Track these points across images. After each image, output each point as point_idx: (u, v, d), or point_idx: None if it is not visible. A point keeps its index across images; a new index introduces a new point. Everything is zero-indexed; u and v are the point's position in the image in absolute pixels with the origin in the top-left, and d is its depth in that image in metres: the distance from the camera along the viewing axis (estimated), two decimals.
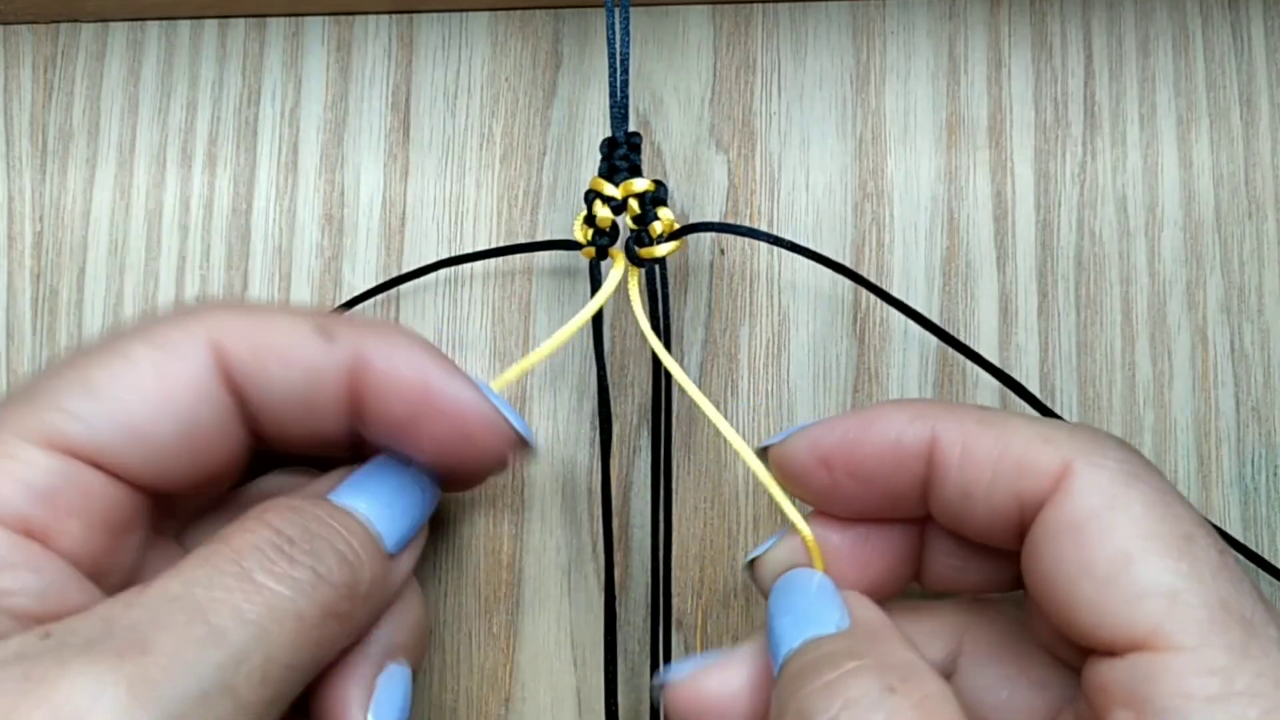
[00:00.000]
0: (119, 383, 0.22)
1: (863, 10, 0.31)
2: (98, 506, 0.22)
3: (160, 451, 0.22)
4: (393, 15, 0.32)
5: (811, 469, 0.24)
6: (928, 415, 0.23)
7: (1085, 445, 0.21)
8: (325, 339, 0.23)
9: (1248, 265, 0.30)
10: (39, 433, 0.21)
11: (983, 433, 0.22)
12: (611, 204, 0.28)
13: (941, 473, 0.22)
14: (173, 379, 0.22)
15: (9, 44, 0.33)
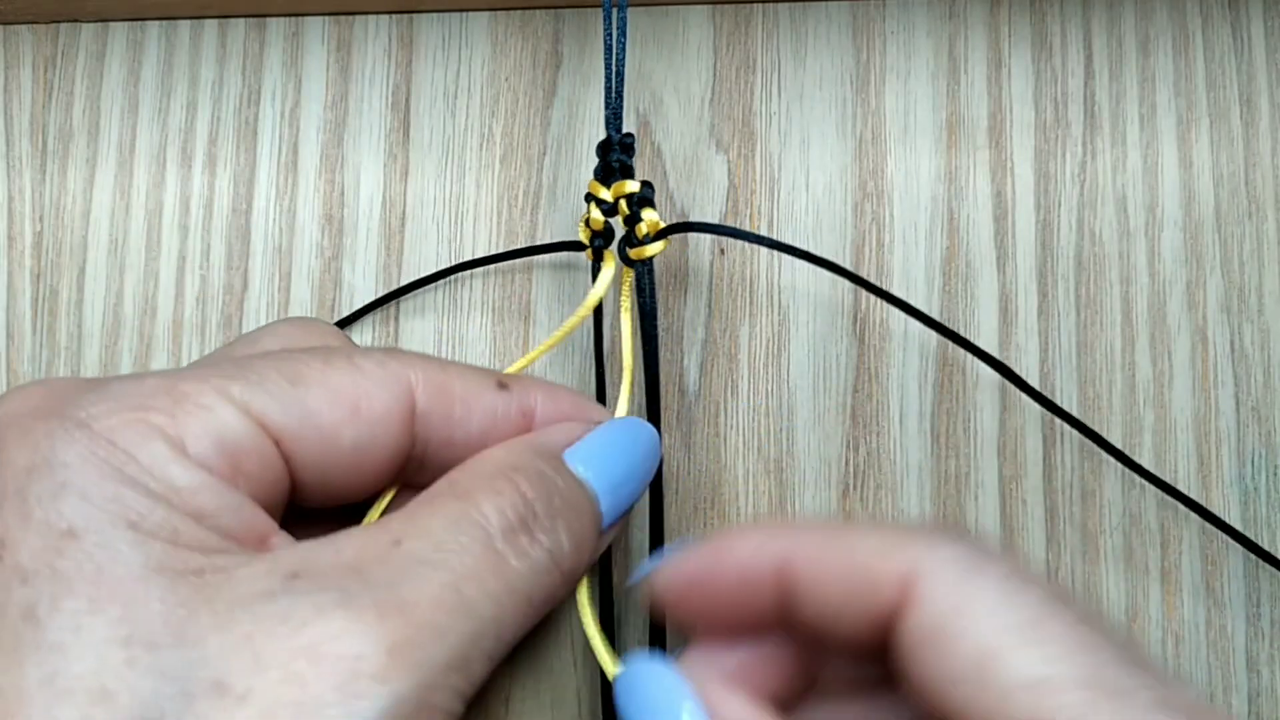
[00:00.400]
0: (321, 386, 0.23)
1: (863, 10, 0.31)
2: (269, 480, 0.22)
3: (335, 458, 0.23)
4: (393, 15, 0.32)
5: (674, 603, 0.24)
6: (777, 538, 0.22)
7: (925, 548, 0.21)
8: (502, 389, 0.25)
9: (1248, 265, 0.30)
10: (240, 398, 0.22)
11: (828, 550, 0.22)
12: (603, 206, 0.28)
13: (795, 598, 0.22)
14: (367, 398, 0.23)
15: (9, 44, 0.33)
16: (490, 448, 0.24)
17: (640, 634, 0.30)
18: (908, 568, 0.21)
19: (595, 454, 0.25)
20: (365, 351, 0.24)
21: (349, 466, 0.23)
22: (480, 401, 0.24)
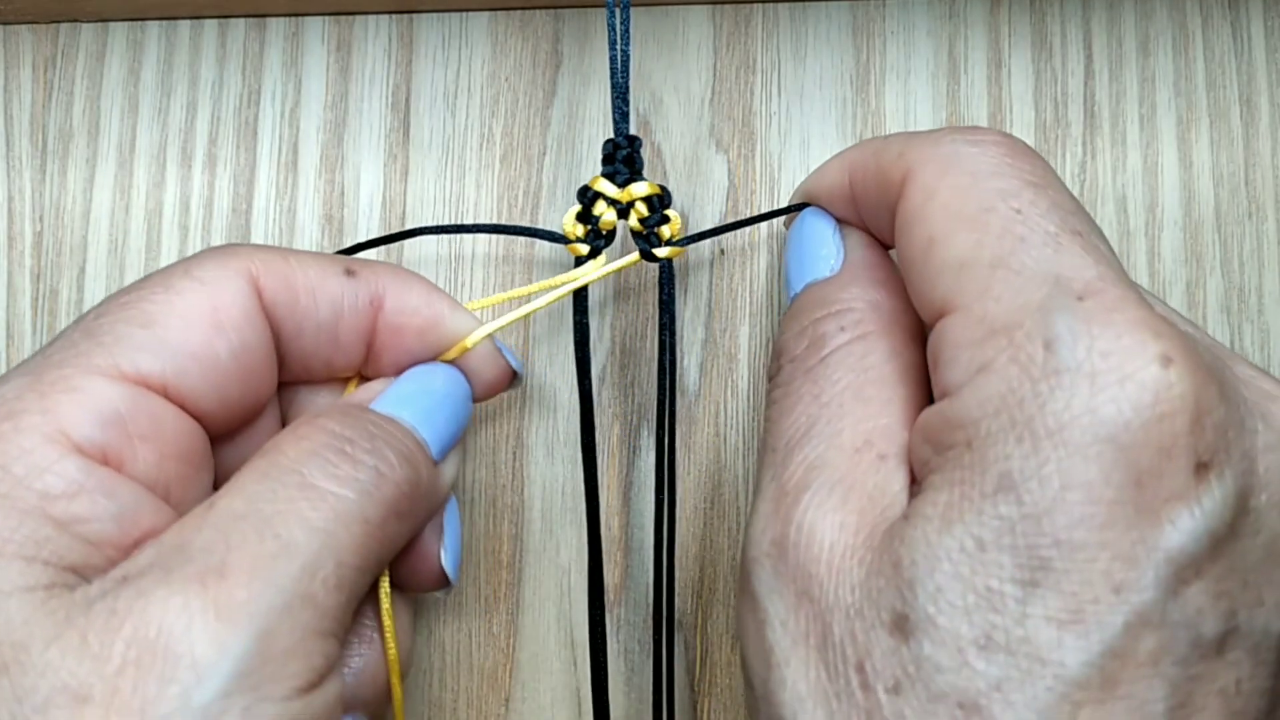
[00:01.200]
0: (172, 314, 0.23)
1: (863, 10, 0.31)
2: (169, 434, 0.22)
3: (219, 377, 0.23)
4: (393, 15, 0.32)
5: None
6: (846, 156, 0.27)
7: (924, 145, 0.24)
8: (350, 276, 0.25)
9: (1248, 265, 0.30)
10: (105, 365, 0.22)
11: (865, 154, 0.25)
12: (616, 207, 0.27)
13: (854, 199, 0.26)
14: (222, 308, 0.23)
15: (9, 44, 0.33)
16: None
17: (641, 633, 0.30)
18: (905, 166, 0.24)
19: (398, 396, 0.25)
20: (199, 257, 0.24)
21: (241, 377, 0.23)
22: (326, 289, 0.25)
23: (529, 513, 0.31)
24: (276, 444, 0.23)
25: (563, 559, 0.30)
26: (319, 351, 0.25)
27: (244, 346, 0.23)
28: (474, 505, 0.31)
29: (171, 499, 0.22)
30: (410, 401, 0.25)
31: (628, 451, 0.31)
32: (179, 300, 0.23)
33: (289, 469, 0.22)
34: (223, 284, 0.23)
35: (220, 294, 0.23)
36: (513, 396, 0.31)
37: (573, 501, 0.31)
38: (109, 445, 0.21)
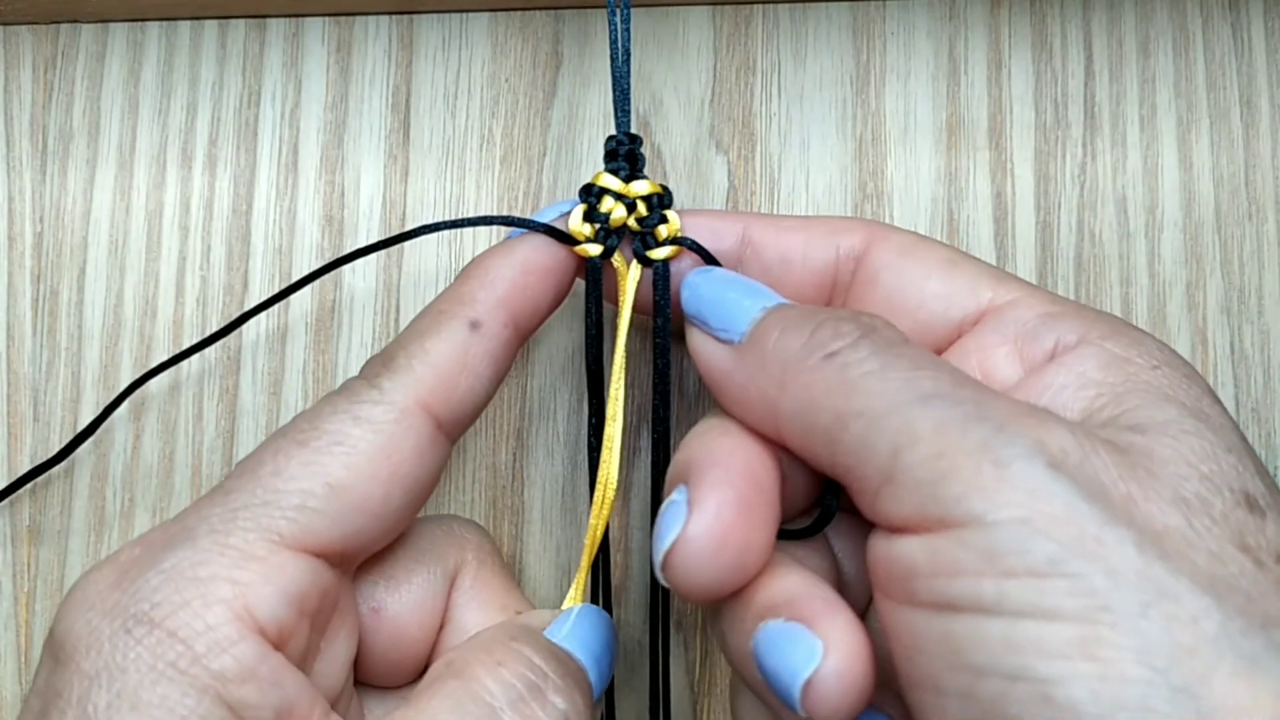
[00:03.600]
0: (351, 472, 0.23)
1: (863, 11, 0.31)
2: (328, 604, 0.23)
3: (395, 522, 0.23)
4: (393, 16, 0.32)
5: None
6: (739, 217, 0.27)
7: (880, 226, 0.27)
8: (474, 330, 0.25)
9: (1248, 266, 0.30)
10: (289, 535, 0.22)
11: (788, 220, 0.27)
12: (626, 202, 0.27)
13: (757, 249, 0.27)
14: (396, 455, 0.23)
15: (9, 44, 0.33)
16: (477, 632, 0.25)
17: (641, 634, 0.30)
18: (867, 229, 0.26)
19: (579, 634, 0.25)
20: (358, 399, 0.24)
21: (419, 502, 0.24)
22: (470, 359, 0.25)
23: (529, 513, 0.31)
24: (470, 665, 0.23)
25: (563, 559, 0.31)
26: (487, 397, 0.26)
27: (417, 483, 0.24)
28: (474, 505, 0.31)
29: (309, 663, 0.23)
30: (584, 641, 0.25)
31: (628, 452, 0.31)
32: (354, 453, 0.23)
33: (484, 702, 0.22)
34: (393, 429, 0.23)
35: (391, 441, 0.23)
36: (513, 396, 0.31)
37: (572, 502, 0.31)
38: (285, 625, 0.22)
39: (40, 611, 0.31)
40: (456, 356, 0.24)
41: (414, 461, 0.23)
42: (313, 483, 0.22)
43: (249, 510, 0.22)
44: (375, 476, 0.23)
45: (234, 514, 0.22)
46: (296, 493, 0.22)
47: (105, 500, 0.31)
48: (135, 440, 0.31)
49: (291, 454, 0.23)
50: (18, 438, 0.31)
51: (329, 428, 0.23)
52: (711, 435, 0.23)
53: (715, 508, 0.22)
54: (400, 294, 0.31)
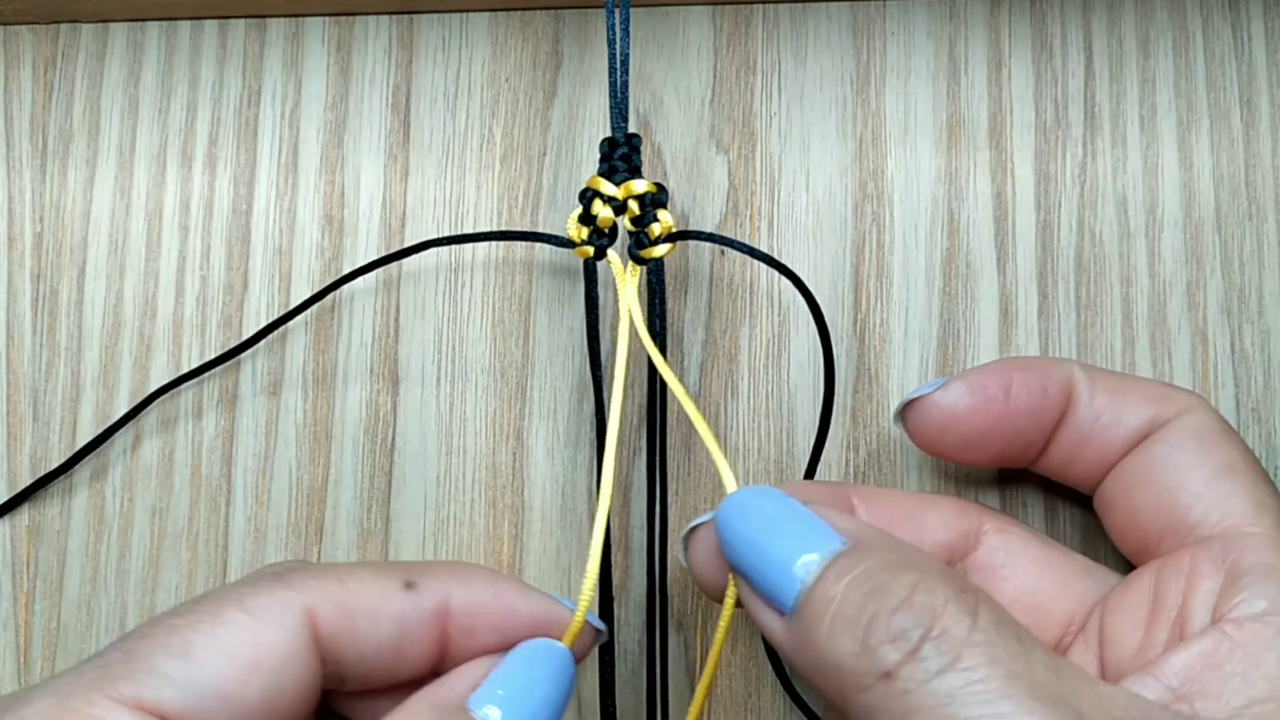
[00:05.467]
0: (214, 648, 0.22)
1: (863, 11, 0.31)
2: None
3: (244, 714, 0.23)
4: (393, 16, 0.32)
5: (980, 405, 0.26)
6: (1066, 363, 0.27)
7: (1201, 398, 0.26)
8: (410, 589, 0.24)
9: (1248, 266, 0.30)
10: (132, 696, 0.21)
11: (1110, 375, 0.27)
12: (613, 204, 0.28)
13: (1077, 405, 0.26)
14: (266, 647, 0.23)
15: (9, 44, 0.33)
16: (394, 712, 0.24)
17: (641, 634, 0.30)
18: (1187, 399, 0.26)
19: (502, 691, 0.24)
20: (256, 585, 0.24)
21: (269, 713, 0.23)
22: (386, 610, 0.24)
23: (529, 513, 0.31)
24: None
25: (563, 559, 0.30)
26: (383, 668, 0.24)
27: (278, 688, 0.23)
28: (474, 505, 0.31)
29: None
30: (508, 697, 0.24)
31: (628, 452, 0.31)
32: (223, 633, 0.22)
33: None
34: (272, 620, 0.23)
35: (266, 631, 0.23)
36: (513, 396, 0.31)
37: (572, 502, 0.31)
38: None
39: (40, 612, 0.31)
40: (374, 597, 0.24)
41: (282, 656, 0.23)
42: (169, 648, 0.22)
43: (98, 672, 0.22)
44: (233, 660, 0.22)
45: (81, 676, 0.22)
46: (151, 657, 0.22)
47: (105, 500, 0.31)
48: (135, 440, 0.31)
49: (166, 621, 0.23)
50: (17, 438, 0.31)
51: (211, 605, 0.23)
52: None
53: None
54: (400, 293, 0.31)
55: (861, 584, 0.21)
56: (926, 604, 0.20)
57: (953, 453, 0.27)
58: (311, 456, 0.31)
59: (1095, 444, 0.26)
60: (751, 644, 0.30)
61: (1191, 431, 0.25)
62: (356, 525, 0.31)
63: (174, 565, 0.31)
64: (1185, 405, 0.25)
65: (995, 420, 0.26)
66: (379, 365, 0.31)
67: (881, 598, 0.21)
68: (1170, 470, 0.25)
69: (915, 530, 0.26)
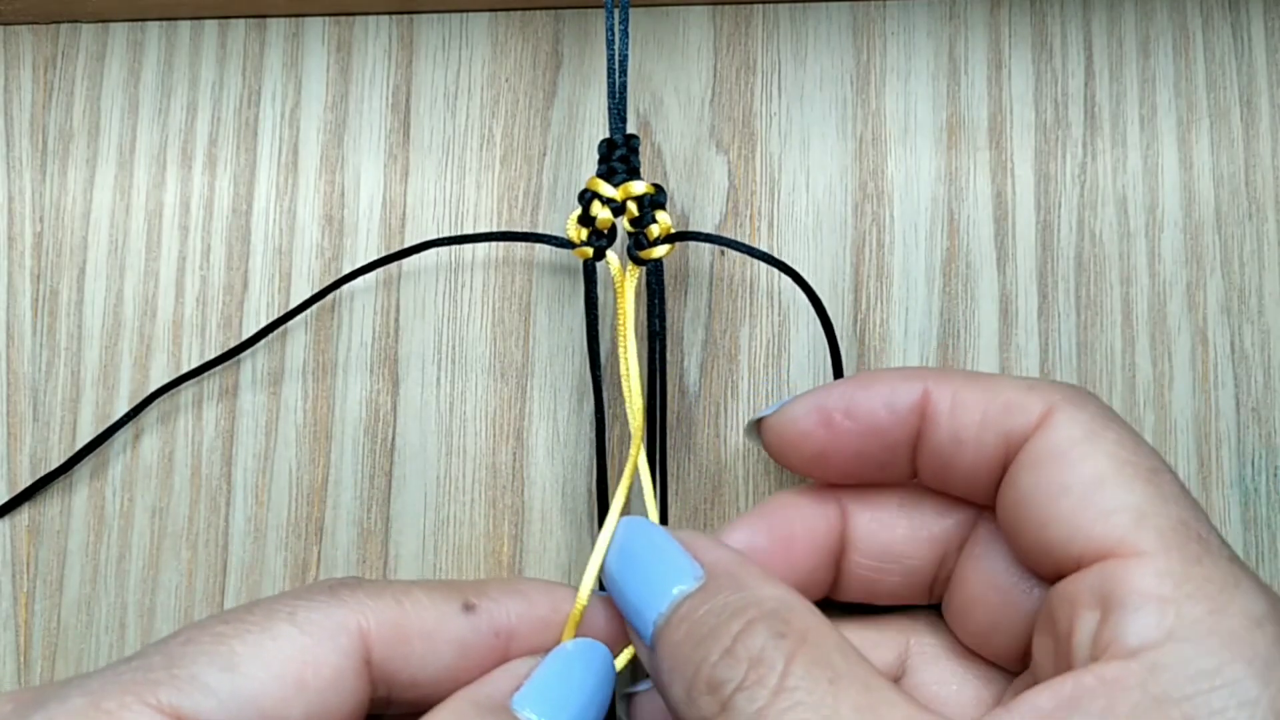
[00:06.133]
0: (260, 662, 0.22)
1: (863, 11, 0.31)
2: None
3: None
4: (393, 16, 0.32)
5: (812, 428, 0.25)
6: (918, 375, 0.25)
7: (1066, 393, 0.23)
8: (469, 611, 0.24)
9: (1248, 266, 0.30)
10: (170, 704, 0.21)
11: (971, 385, 0.24)
12: (611, 205, 0.28)
13: (933, 422, 0.24)
14: (314, 666, 0.22)
15: (9, 44, 0.33)
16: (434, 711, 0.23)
17: None
18: (1050, 402, 0.23)
19: (545, 693, 0.24)
20: (310, 599, 0.23)
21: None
22: (445, 634, 0.24)
23: (529, 513, 0.31)
24: None
25: (563, 559, 0.30)
26: (439, 691, 0.24)
27: (323, 708, 0.22)
28: (474, 505, 0.31)
29: None
30: (552, 700, 0.24)
31: (628, 451, 0.30)
32: (271, 647, 0.22)
33: None
34: (323, 637, 0.22)
35: (316, 649, 0.22)
36: (513, 396, 0.31)
37: (572, 502, 0.31)
38: None
39: (40, 612, 0.31)
40: (431, 619, 0.24)
41: (331, 677, 0.22)
42: (215, 657, 0.21)
43: (137, 675, 0.21)
44: (279, 676, 0.22)
45: (119, 677, 0.21)
46: (195, 665, 0.21)
47: (105, 500, 0.31)
48: (135, 440, 0.31)
49: (212, 628, 0.22)
50: (17, 438, 0.31)
51: (260, 616, 0.22)
52: None
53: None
54: (400, 292, 0.31)
55: (695, 631, 0.22)
56: (744, 653, 0.21)
57: (803, 470, 0.26)
58: (311, 456, 0.31)
59: (960, 466, 0.24)
60: None
61: (1053, 447, 0.23)
62: (356, 525, 0.31)
63: (174, 565, 0.31)
64: (1044, 411, 0.23)
65: (830, 442, 0.25)
66: (379, 365, 0.31)
67: (708, 646, 0.22)
68: (1038, 502, 0.22)
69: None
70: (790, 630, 0.21)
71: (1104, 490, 0.22)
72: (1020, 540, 0.23)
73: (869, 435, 0.25)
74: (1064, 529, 0.22)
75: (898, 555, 0.26)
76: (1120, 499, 0.21)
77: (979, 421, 0.24)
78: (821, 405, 0.25)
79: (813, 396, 0.25)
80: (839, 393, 0.25)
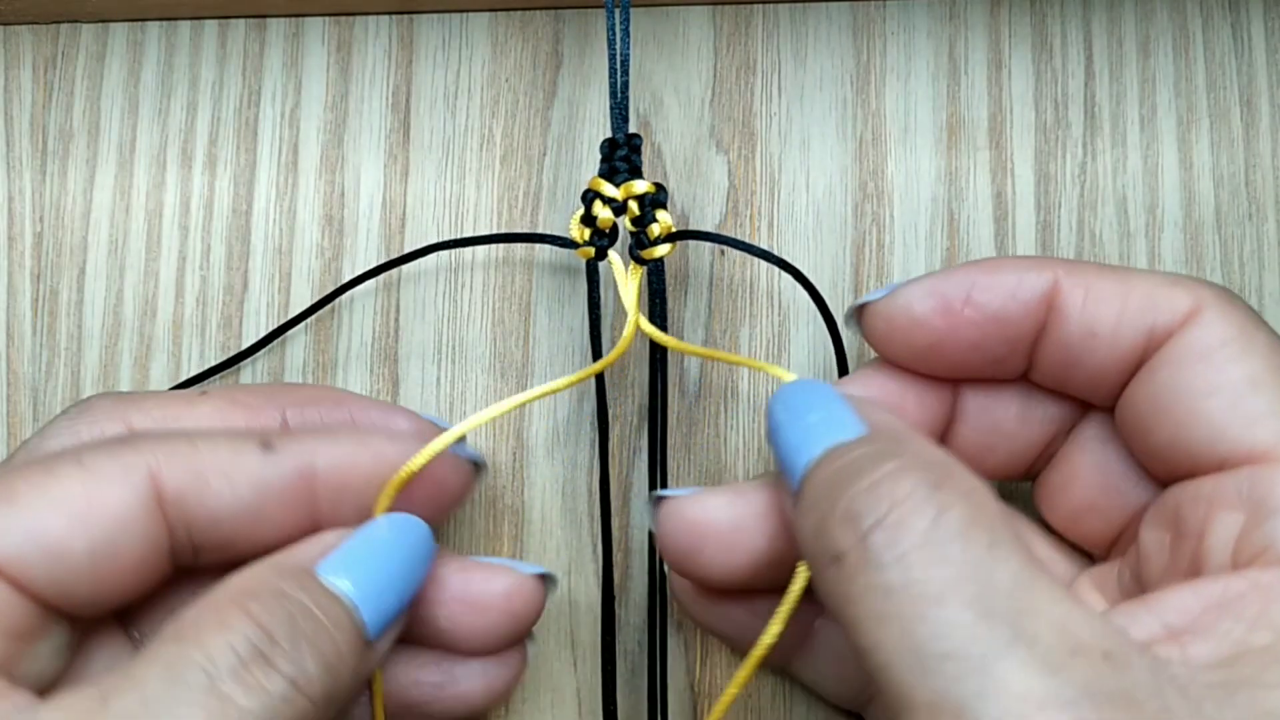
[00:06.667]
0: (42, 499, 0.21)
1: (863, 11, 0.31)
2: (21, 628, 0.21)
3: (68, 571, 0.22)
4: (393, 16, 0.32)
5: (928, 315, 0.24)
6: (1048, 265, 0.23)
7: (1215, 291, 0.22)
8: (268, 450, 0.23)
9: (1248, 266, 0.30)
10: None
11: (1107, 278, 0.23)
12: (613, 205, 0.28)
13: (1063, 314, 0.23)
14: (97, 502, 0.22)
15: (9, 44, 0.33)
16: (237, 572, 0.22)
17: (642, 634, 0.30)
18: (1197, 298, 0.22)
19: (353, 561, 0.23)
20: (95, 446, 0.23)
21: (97, 575, 0.22)
22: (241, 472, 0.23)
23: (529, 513, 0.31)
24: (191, 625, 0.21)
25: (563, 560, 0.30)
26: (242, 536, 0.23)
27: (111, 545, 0.22)
28: (474, 505, 0.31)
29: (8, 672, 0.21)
30: (360, 566, 0.23)
31: (628, 452, 0.31)
32: (53, 485, 0.22)
33: (198, 666, 0.20)
34: (108, 477, 0.22)
35: (100, 488, 0.22)
36: None
37: (573, 502, 0.31)
38: None
39: None
40: (226, 458, 0.23)
41: (116, 511, 0.22)
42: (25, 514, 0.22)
43: None
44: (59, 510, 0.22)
45: None
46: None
47: None
48: None
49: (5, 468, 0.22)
50: (17, 438, 0.31)
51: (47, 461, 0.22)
52: None
53: None
54: (400, 292, 0.31)
55: (844, 469, 0.21)
56: (888, 493, 0.20)
57: (911, 363, 0.25)
58: None
59: (1090, 361, 0.23)
60: None
61: (1203, 345, 0.21)
62: None
63: None
64: (1193, 307, 0.22)
65: (948, 332, 0.23)
66: (379, 364, 0.31)
67: (854, 482, 0.20)
68: (1180, 401, 0.21)
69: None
70: (949, 484, 0.20)
71: (1258, 393, 0.21)
72: (1150, 437, 0.22)
73: (991, 326, 0.23)
74: (1209, 430, 0.21)
75: (1008, 434, 0.25)
76: (1275, 404, 0.20)
77: (1117, 314, 0.22)
78: (941, 290, 0.23)
79: (930, 281, 0.24)
80: (960, 278, 0.23)
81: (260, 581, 0.22)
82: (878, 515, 0.19)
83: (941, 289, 0.23)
